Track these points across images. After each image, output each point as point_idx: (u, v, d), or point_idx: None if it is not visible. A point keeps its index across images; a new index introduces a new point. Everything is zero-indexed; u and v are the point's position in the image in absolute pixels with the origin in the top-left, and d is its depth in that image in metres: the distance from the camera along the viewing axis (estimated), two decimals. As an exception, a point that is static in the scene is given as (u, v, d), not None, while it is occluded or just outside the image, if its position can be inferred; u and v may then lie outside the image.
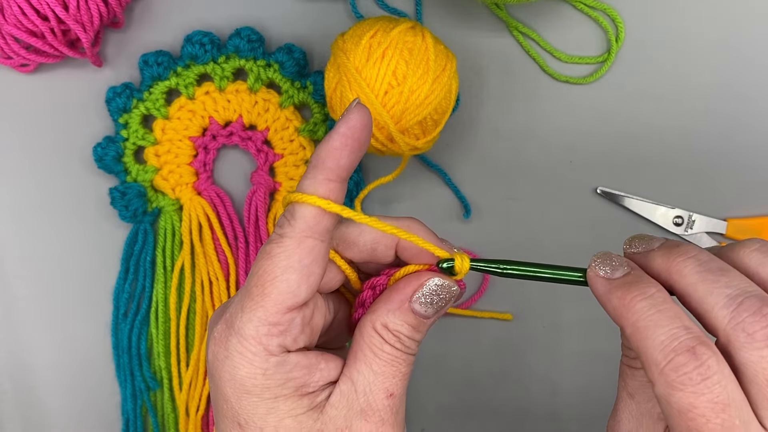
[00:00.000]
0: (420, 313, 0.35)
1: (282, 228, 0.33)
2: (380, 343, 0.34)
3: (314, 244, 0.33)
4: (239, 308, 0.33)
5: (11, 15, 0.51)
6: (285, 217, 0.33)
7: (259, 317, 0.32)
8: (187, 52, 0.55)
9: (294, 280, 0.32)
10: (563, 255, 0.56)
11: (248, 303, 0.33)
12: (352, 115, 0.34)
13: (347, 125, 0.34)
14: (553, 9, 0.56)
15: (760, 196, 0.56)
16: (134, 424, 0.56)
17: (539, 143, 0.56)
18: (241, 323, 0.33)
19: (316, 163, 0.34)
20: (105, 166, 0.55)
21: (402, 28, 0.48)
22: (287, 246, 0.33)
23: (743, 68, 0.56)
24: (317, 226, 0.33)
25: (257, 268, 0.33)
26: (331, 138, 0.34)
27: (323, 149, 0.34)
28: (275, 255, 0.33)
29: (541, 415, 0.56)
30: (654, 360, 0.30)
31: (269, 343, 0.32)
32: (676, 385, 0.29)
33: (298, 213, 0.33)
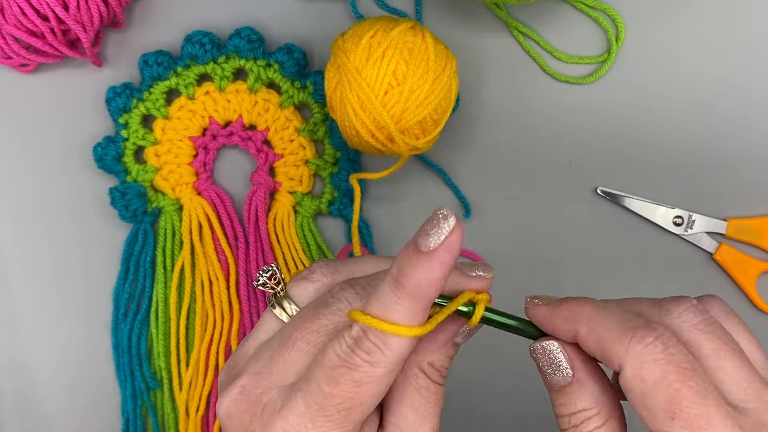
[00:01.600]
0: (459, 344, 0.35)
1: (372, 356, 0.31)
2: (427, 384, 0.34)
3: (398, 371, 0.32)
4: (309, 425, 0.31)
5: (11, 15, 0.51)
6: (375, 345, 0.31)
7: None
8: (187, 52, 0.55)
9: (374, 404, 0.32)
10: (563, 255, 0.56)
11: (323, 422, 0.31)
12: (454, 241, 0.30)
13: (450, 254, 0.30)
14: (553, 9, 0.56)
15: (760, 196, 0.56)
16: (134, 424, 0.56)
17: (539, 143, 0.56)
18: None
19: (414, 293, 0.30)
20: (105, 166, 0.55)
21: (402, 28, 0.48)
22: (379, 375, 0.31)
23: (743, 68, 0.56)
24: (407, 355, 0.32)
25: (339, 391, 0.31)
26: (433, 269, 0.30)
27: (423, 279, 0.30)
28: (365, 383, 0.31)
29: (540, 413, 0.56)
30: (619, 340, 0.31)
31: None
32: (646, 356, 0.30)
33: (394, 345, 0.31)
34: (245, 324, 0.55)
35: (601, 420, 0.33)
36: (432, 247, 0.30)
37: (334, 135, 0.55)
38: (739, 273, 0.55)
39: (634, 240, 0.56)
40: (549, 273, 0.55)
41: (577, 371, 0.33)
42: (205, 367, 0.55)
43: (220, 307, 0.55)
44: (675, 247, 0.56)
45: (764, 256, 0.56)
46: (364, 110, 0.48)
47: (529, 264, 0.56)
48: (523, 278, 0.55)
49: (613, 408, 0.33)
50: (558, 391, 0.34)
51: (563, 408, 0.34)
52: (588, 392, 0.33)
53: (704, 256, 0.56)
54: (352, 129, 0.49)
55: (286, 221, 0.55)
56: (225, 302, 0.55)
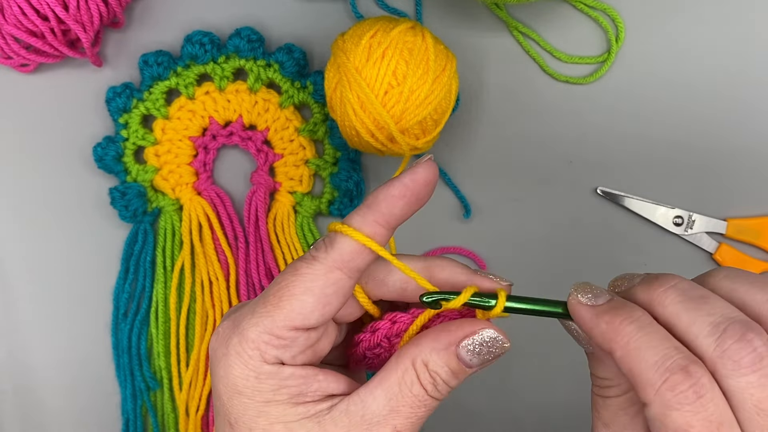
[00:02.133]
0: (464, 361, 0.34)
1: (317, 251, 0.34)
2: (411, 381, 0.33)
3: (341, 277, 0.33)
4: (250, 311, 0.33)
5: (11, 15, 0.51)
6: (323, 242, 0.34)
7: (265, 325, 0.33)
8: (187, 52, 0.55)
9: (309, 304, 0.33)
10: (563, 255, 0.56)
11: (260, 309, 0.33)
12: (419, 169, 0.34)
13: (412, 177, 0.34)
14: (553, 9, 0.56)
15: (760, 196, 0.56)
16: (134, 424, 0.56)
17: (539, 143, 0.56)
18: (246, 325, 0.33)
19: (370, 204, 0.34)
20: (105, 166, 0.55)
21: (402, 28, 0.48)
22: (316, 270, 0.33)
23: (743, 68, 0.56)
24: (351, 261, 0.33)
25: (281, 279, 0.33)
26: (392, 185, 0.34)
27: (381, 193, 0.34)
28: (301, 274, 0.33)
29: (539, 412, 0.56)
30: (649, 381, 0.30)
31: (266, 350, 0.33)
32: (672, 404, 0.29)
33: (337, 243, 0.33)
34: None
35: (620, 391, 0.34)
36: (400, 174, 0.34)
37: (334, 135, 0.55)
38: (739, 273, 0.55)
39: (634, 240, 0.56)
40: (549, 273, 0.55)
41: (596, 348, 0.34)
42: (205, 367, 0.55)
43: (220, 307, 0.55)
44: (675, 247, 0.56)
45: (764, 256, 0.56)
46: (364, 110, 0.48)
47: (528, 264, 0.56)
48: (523, 278, 0.55)
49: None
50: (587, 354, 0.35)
51: (591, 368, 0.35)
52: (606, 366, 0.34)
53: (704, 256, 0.56)
54: (352, 129, 0.49)
55: (286, 221, 0.55)
56: (225, 302, 0.55)
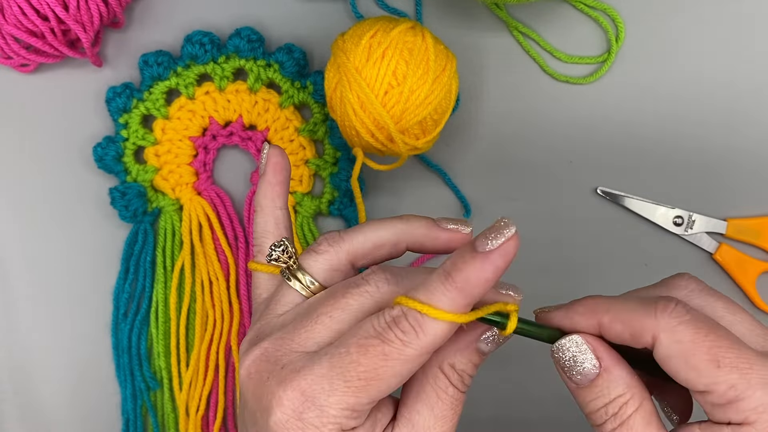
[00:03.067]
0: (483, 352, 0.35)
1: (407, 335, 0.32)
2: (445, 385, 0.34)
3: (427, 358, 0.33)
4: (326, 386, 0.32)
5: (11, 15, 0.51)
6: (412, 326, 0.32)
7: (349, 404, 0.32)
8: (187, 52, 0.55)
9: (396, 385, 0.33)
10: (563, 255, 0.56)
11: (341, 387, 0.32)
12: (510, 248, 0.32)
13: (505, 260, 0.32)
14: (553, 9, 0.56)
15: (760, 196, 0.56)
16: (134, 424, 0.56)
17: (539, 143, 0.56)
18: (327, 403, 0.32)
19: (463, 287, 0.32)
20: (105, 166, 0.55)
21: (402, 28, 0.48)
22: (408, 356, 0.32)
23: (743, 68, 0.56)
24: (438, 345, 0.33)
25: (366, 360, 0.32)
26: (485, 269, 0.31)
27: (474, 276, 0.31)
28: (392, 360, 0.32)
29: (540, 411, 0.56)
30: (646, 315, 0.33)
31: (347, 423, 0.33)
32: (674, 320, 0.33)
33: (430, 330, 0.32)
34: (245, 324, 0.55)
35: (636, 402, 0.34)
36: (488, 249, 0.31)
37: (334, 135, 0.55)
38: (739, 273, 0.55)
39: (634, 240, 0.56)
40: (549, 273, 0.55)
41: (603, 360, 0.34)
42: (205, 367, 0.55)
43: (220, 307, 0.55)
44: (675, 247, 0.56)
45: (764, 256, 0.56)
46: (364, 110, 0.48)
47: (528, 264, 0.55)
48: (522, 278, 0.55)
49: (643, 390, 0.34)
50: (586, 388, 0.34)
51: (596, 402, 0.34)
52: (618, 378, 0.34)
53: (704, 256, 0.56)
54: (352, 129, 0.49)
55: (286, 221, 0.55)
56: (225, 302, 0.55)
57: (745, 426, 0.32)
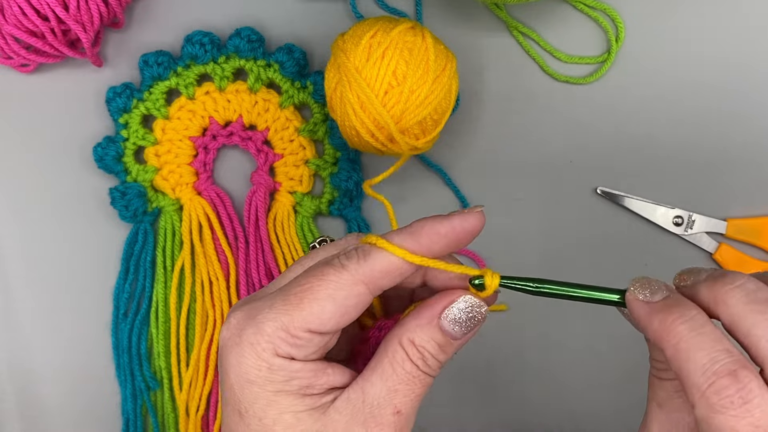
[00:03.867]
0: (448, 332, 0.35)
1: (348, 260, 0.34)
2: (402, 359, 0.34)
3: (364, 291, 0.33)
4: (268, 304, 0.34)
5: (11, 15, 0.51)
6: (357, 253, 0.34)
7: (282, 321, 0.33)
8: (187, 52, 0.55)
9: (329, 311, 0.33)
10: (563, 255, 0.56)
11: (279, 304, 0.33)
12: (470, 216, 0.35)
13: (461, 222, 0.34)
14: (553, 9, 0.56)
15: (760, 196, 0.56)
16: (134, 424, 0.56)
17: (539, 143, 0.56)
18: (263, 318, 0.33)
19: (413, 231, 0.34)
20: (105, 166, 0.55)
21: (402, 28, 0.48)
22: (343, 279, 0.33)
23: (743, 68, 0.56)
24: (379, 279, 0.33)
25: (305, 280, 0.33)
26: (440, 222, 0.34)
27: (426, 225, 0.34)
28: (327, 280, 0.33)
29: (540, 410, 0.56)
30: (695, 383, 0.30)
31: (280, 346, 0.33)
32: (717, 408, 0.29)
33: (371, 257, 0.33)
34: None
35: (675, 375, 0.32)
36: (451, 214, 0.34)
37: (334, 135, 0.55)
38: (739, 273, 0.55)
39: (634, 240, 0.56)
40: (548, 273, 0.55)
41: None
42: (205, 367, 0.55)
43: (220, 307, 0.55)
44: (675, 247, 0.56)
45: (764, 256, 0.56)
46: (364, 110, 0.48)
47: (528, 264, 0.56)
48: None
49: None
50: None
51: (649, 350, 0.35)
52: None
53: (704, 256, 0.56)
54: (352, 129, 0.49)
55: (286, 221, 0.55)
56: (225, 302, 0.55)
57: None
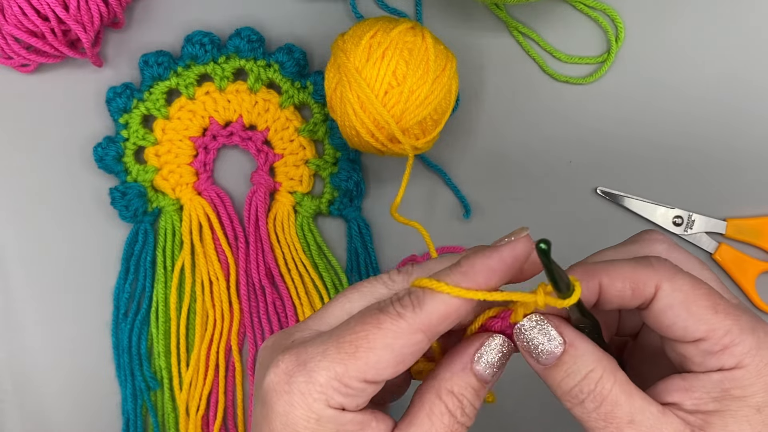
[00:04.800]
0: (482, 375, 0.34)
1: (404, 308, 0.32)
2: (441, 413, 0.34)
3: (423, 339, 0.32)
4: (320, 351, 0.32)
5: (11, 15, 0.51)
6: (412, 300, 0.33)
7: (338, 372, 0.32)
8: (188, 52, 0.55)
9: (386, 361, 0.32)
10: (563, 255, 0.56)
11: (333, 352, 0.32)
12: (519, 245, 0.33)
13: (512, 254, 0.33)
14: (553, 9, 0.56)
15: (760, 196, 0.56)
16: (134, 424, 0.55)
17: (539, 143, 0.56)
18: (316, 367, 0.32)
19: (466, 271, 0.33)
20: (105, 166, 0.55)
21: (402, 28, 0.48)
22: (401, 329, 0.32)
23: (743, 68, 0.56)
24: (437, 326, 0.32)
25: (359, 327, 0.32)
26: (490, 257, 0.33)
27: (479, 262, 0.33)
28: (384, 329, 0.32)
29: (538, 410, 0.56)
30: (644, 269, 0.34)
31: (333, 396, 0.32)
32: (672, 270, 0.34)
33: (427, 304, 0.32)
34: (245, 324, 0.55)
35: (611, 376, 0.33)
36: (499, 244, 0.33)
37: (334, 135, 0.55)
38: (738, 273, 0.55)
39: (634, 240, 0.56)
40: (549, 273, 0.55)
41: (566, 335, 0.34)
42: (205, 367, 0.55)
43: (220, 307, 0.55)
44: (675, 247, 0.56)
45: (764, 256, 0.56)
46: (364, 110, 0.48)
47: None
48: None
49: (613, 362, 0.34)
50: (554, 367, 0.34)
51: (566, 381, 0.34)
52: (585, 352, 0.34)
53: (704, 256, 0.56)
54: (352, 129, 0.49)
55: (286, 221, 0.55)
56: (225, 302, 0.55)
57: (737, 370, 0.33)
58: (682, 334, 0.33)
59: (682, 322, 0.33)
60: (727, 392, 0.33)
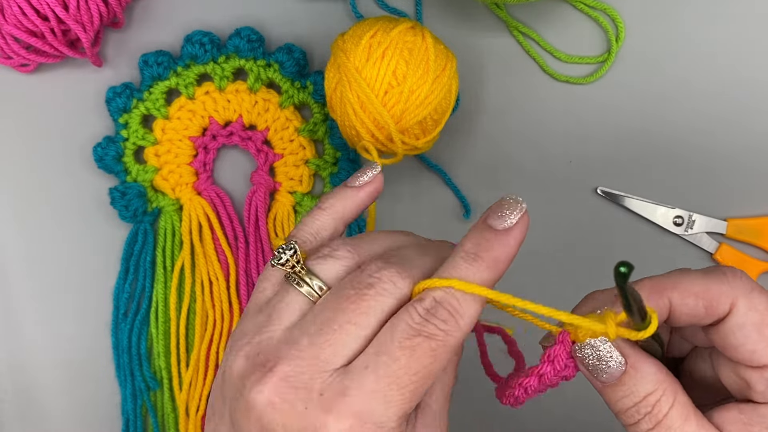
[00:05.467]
0: None
1: (447, 324, 0.31)
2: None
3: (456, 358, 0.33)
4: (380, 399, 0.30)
5: (11, 15, 0.51)
6: (450, 313, 0.31)
7: (405, 411, 0.31)
8: (187, 52, 0.55)
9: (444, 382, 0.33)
10: (563, 255, 0.56)
11: (396, 396, 0.30)
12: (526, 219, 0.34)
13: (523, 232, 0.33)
14: (553, 9, 0.56)
15: (760, 195, 0.56)
16: (134, 424, 0.55)
17: (539, 143, 0.56)
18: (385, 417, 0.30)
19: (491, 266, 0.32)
20: (105, 166, 0.55)
21: (402, 28, 0.48)
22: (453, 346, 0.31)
23: (743, 68, 0.56)
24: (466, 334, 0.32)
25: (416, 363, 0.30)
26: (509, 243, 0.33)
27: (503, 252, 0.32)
28: (439, 354, 0.31)
29: (538, 409, 0.56)
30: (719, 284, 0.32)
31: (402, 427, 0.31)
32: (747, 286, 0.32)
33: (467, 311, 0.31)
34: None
35: (670, 398, 0.32)
36: (508, 226, 0.32)
37: (334, 135, 0.55)
38: (739, 273, 0.55)
39: (634, 240, 0.56)
40: (549, 273, 0.55)
41: (629, 357, 0.33)
42: (205, 367, 0.55)
43: (220, 307, 0.55)
44: (675, 247, 0.56)
45: (764, 256, 0.56)
46: (364, 110, 0.48)
47: (528, 264, 0.55)
48: (522, 278, 0.55)
49: (675, 383, 0.33)
50: (614, 386, 0.33)
51: (625, 401, 0.33)
52: (646, 374, 0.32)
53: (704, 256, 0.56)
54: (352, 129, 0.49)
55: (286, 221, 0.55)
56: (225, 302, 0.55)
57: None
58: (749, 358, 0.32)
59: (752, 344, 0.31)
60: None
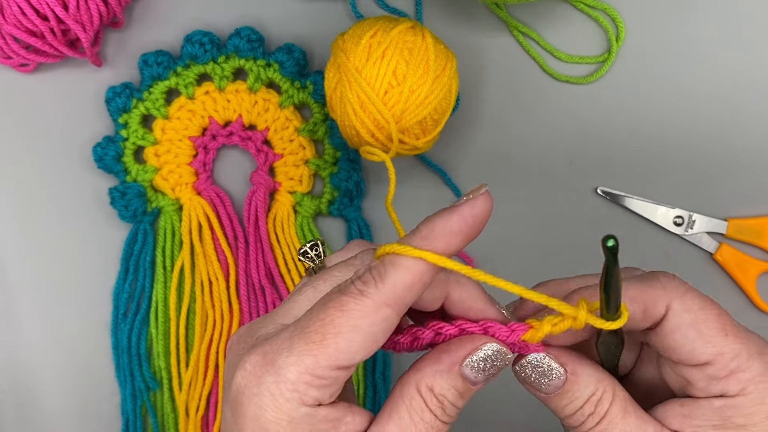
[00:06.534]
0: (469, 379, 0.32)
1: (366, 285, 0.31)
2: (421, 408, 0.32)
3: (391, 314, 0.31)
4: (286, 346, 0.31)
5: (11, 15, 0.51)
6: (372, 276, 0.31)
7: (307, 365, 0.30)
8: (187, 52, 0.55)
9: (356, 343, 0.30)
10: (563, 255, 0.56)
11: (300, 345, 0.30)
12: (479, 202, 0.32)
13: (472, 212, 0.31)
14: (553, 9, 0.56)
15: (760, 195, 0.56)
16: (134, 424, 0.55)
17: (539, 143, 0.56)
18: (284, 364, 0.30)
19: (426, 235, 0.31)
20: (105, 166, 0.55)
21: (402, 28, 0.48)
22: (365, 306, 0.30)
23: (743, 68, 0.56)
24: (403, 298, 0.31)
25: (323, 314, 0.30)
26: (450, 218, 0.31)
27: (438, 225, 0.31)
28: (348, 310, 0.30)
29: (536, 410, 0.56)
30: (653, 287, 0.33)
31: (306, 392, 0.30)
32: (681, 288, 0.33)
33: (389, 276, 0.31)
34: (245, 324, 0.55)
35: (610, 395, 0.33)
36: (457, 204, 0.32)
37: (334, 135, 0.55)
38: (739, 273, 0.55)
39: (634, 240, 0.56)
40: (549, 273, 0.55)
41: (567, 365, 0.33)
42: (205, 367, 0.55)
43: (220, 307, 0.55)
44: (675, 247, 0.56)
45: (764, 256, 0.56)
46: (364, 110, 0.48)
47: (528, 264, 0.55)
48: (522, 279, 0.55)
49: (612, 380, 0.33)
50: (558, 395, 0.33)
51: (570, 406, 0.33)
52: (587, 377, 0.33)
53: (704, 256, 0.56)
54: (352, 129, 0.49)
55: (286, 221, 0.55)
56: (225, 302, 0.55)
57: (740, 397, 0.32)
58: (688, 357, 0.32)
59: (690, 344, 0.32)
60: (728, 420, 0.32)
